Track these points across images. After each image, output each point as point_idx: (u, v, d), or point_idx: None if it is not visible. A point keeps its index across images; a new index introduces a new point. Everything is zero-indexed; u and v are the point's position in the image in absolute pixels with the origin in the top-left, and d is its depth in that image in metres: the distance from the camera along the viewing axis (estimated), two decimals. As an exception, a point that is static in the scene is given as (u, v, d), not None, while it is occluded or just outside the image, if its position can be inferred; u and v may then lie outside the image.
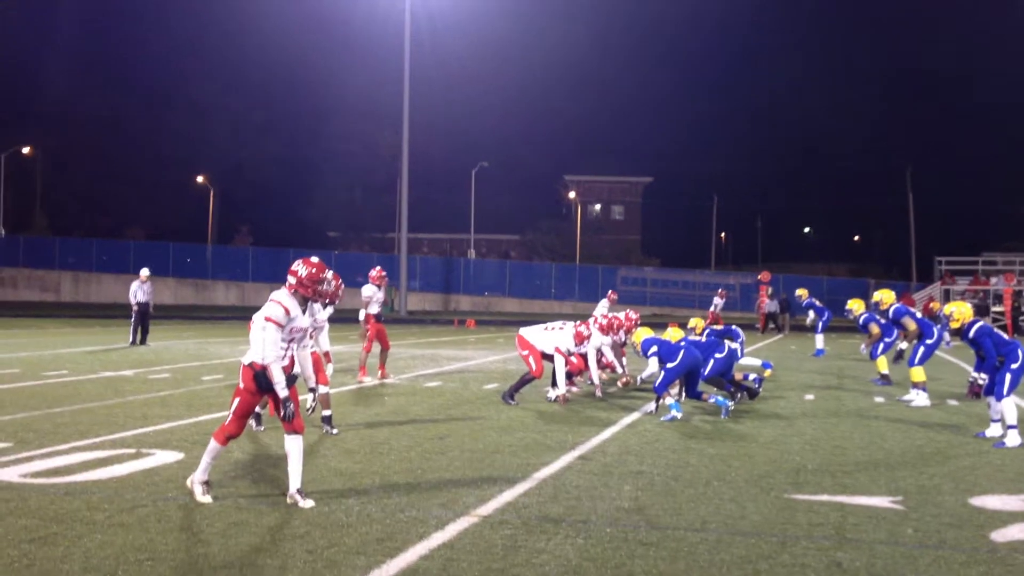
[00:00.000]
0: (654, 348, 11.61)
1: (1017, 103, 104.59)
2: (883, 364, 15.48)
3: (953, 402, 13.18)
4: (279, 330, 6.56)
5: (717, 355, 12.17)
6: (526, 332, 12.79)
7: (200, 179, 75.42)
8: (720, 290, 33.14)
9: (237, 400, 6.74)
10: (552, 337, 12.57)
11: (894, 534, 6.00)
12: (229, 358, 19.47)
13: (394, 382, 14.96)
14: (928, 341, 13.43)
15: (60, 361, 17.91)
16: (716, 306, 30.62)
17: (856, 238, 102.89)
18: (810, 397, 13.57)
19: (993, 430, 9.90)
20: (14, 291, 62.33)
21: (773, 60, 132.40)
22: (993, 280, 45.05)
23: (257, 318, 6.72)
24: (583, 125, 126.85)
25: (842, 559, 5.42)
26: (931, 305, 22.11)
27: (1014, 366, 9.81)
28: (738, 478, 7.68)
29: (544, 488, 7.19)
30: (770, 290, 39.54)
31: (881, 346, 15.49)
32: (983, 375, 10.08)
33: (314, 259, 6.86)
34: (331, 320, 11.88)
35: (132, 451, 8.45)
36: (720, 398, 11.38)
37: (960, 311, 10.45)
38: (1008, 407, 9.59)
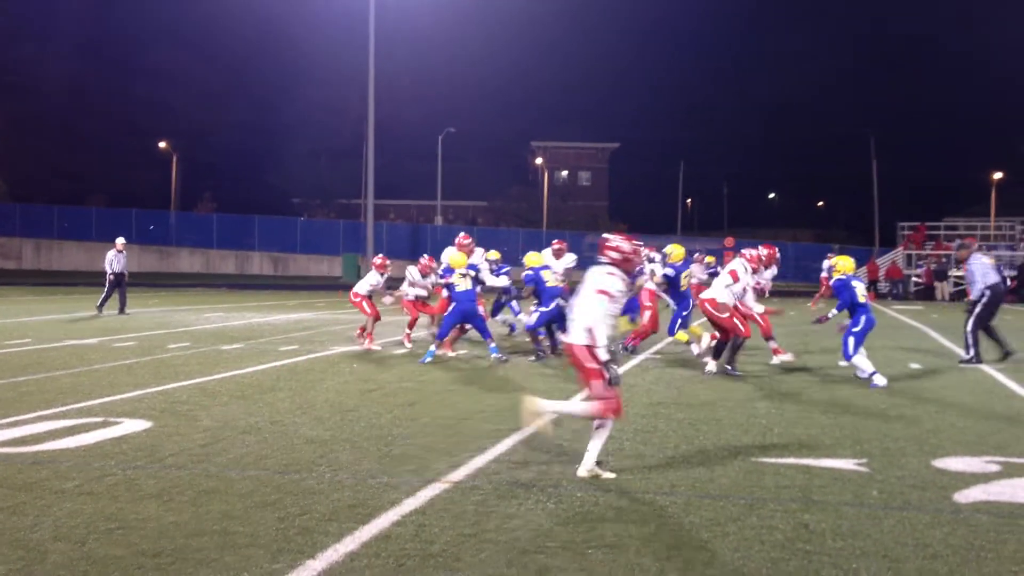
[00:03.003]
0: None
1: (982, 69, 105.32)
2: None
3: (916, 365, 13.37)
4: (612, 302, 6.66)
5: (542, 308, 13.43)
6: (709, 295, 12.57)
7: (163, 145, 74.41)
8: (696, 255, 29.96)
9: (594, 382, 6.57)
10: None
11: (859, 496, 6.09)
12: (195, 326, 19.34)
13: (378, 349, 14.81)
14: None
15: (23, 329, 17.71)
16: (695, 276, 27.58)
17: (821, 204, 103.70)
18: (775, 362, 13.69)
19: (877, 379, 11.01)
20: (-26, 259, 61.41)
21: (739, 27, 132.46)
22: (954, 244, 45.55)
23: (587, 294, 6.68)
24: (550, 92, 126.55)
25: (809, 521, 5.50)
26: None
27: (855, 329, 11.27)
28: (706, 442, 7.76)
29: (514, 454, 7.22)
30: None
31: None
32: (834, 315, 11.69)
33: (619, 236, 7.05)
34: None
35: (99, 420, 8.39)
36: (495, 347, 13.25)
37: (843, 264, 11.92)
38: (860, 361, 11.18)
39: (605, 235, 7.18)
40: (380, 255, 16.12)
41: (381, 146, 49.25)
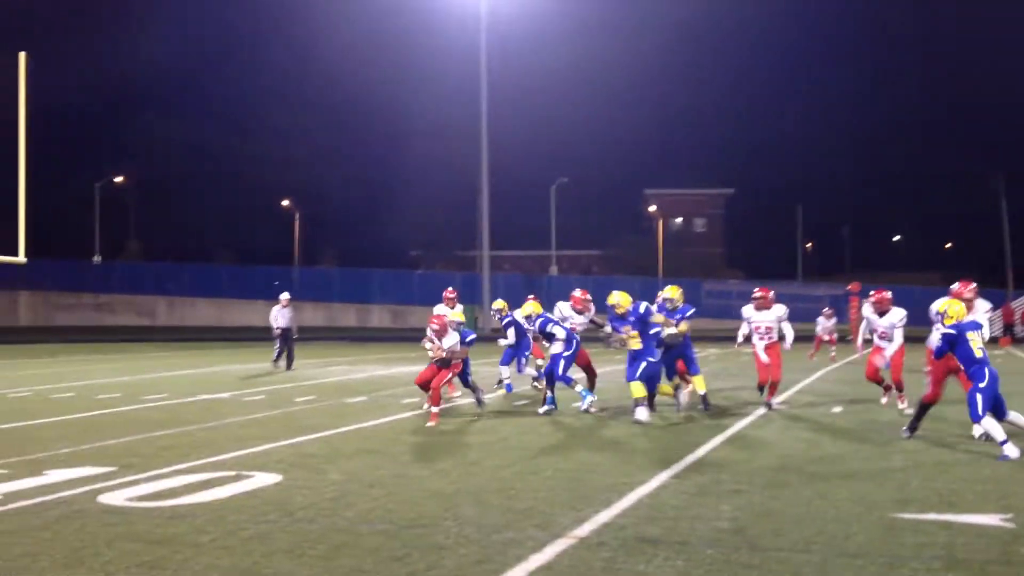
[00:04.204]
0: None
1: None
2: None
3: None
4: None
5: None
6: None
7: (285, 203, 76.85)
8: (826, 310, 27.56)
9: None
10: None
11: (1007, 553, 5.79)
12: (319, 379, 19.76)
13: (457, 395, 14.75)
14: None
15: (159, 385, 18.38)
16: (825, 328, 26.11)
17: (948, 245, 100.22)
18: (907, 408, 13.19)
19: (1008, 450, 9.29)
20: (112, 316, 64.24)
21: (858, 66, 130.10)
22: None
23: None
24: (662, 139, 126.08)
25: (954, 581, 5.25)
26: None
27: (981, 385, 9.51)
28: (840, 497, 7.50)
29: (640, 508, 7.12)
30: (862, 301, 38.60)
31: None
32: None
33: None
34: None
35: (232, 474, 8.61)
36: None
37: (955, 309, 10.14)
38: (989, 424, 9.43)
39: None
40: (449, 287, 16.49)
41: (494, 197, 49.71)
